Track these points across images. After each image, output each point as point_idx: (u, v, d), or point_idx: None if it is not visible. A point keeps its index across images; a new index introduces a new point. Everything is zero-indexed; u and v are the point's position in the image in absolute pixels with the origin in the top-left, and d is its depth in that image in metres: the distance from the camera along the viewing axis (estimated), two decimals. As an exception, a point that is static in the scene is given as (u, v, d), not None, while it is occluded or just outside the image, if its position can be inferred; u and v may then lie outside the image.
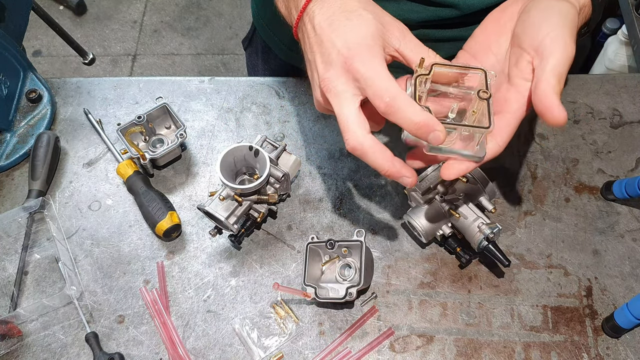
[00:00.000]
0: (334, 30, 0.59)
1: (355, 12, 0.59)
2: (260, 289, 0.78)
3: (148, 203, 0.81)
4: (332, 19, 0.59)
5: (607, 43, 1.65)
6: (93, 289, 0.79)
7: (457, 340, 0.74)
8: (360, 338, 0.74)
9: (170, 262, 0.80)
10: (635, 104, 0.91)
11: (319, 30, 0.60)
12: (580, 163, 0.86)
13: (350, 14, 0.59)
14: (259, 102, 0.94)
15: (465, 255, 0.76)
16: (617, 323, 0.71)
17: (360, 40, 0.57)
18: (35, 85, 0.94)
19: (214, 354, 0.74)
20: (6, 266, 0.81)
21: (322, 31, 0.60)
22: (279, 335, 0.75)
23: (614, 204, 0.82)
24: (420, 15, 0.81)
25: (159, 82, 0.97)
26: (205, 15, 2.71)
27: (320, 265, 0.77)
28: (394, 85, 0.56)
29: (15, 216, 0.81)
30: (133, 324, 0.76)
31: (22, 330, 0.76)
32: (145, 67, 2.59)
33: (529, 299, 0.76)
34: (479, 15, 0.81)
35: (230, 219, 0.76)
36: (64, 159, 0.90)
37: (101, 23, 2.71)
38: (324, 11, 0.60)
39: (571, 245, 0.80)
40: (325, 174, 0.87)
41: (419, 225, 0.74)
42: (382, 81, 0.56)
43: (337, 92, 0.58)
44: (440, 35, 0.84)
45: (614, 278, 0.77)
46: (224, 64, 2.59)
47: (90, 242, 0.82)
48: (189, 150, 0.90)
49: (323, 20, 0.60)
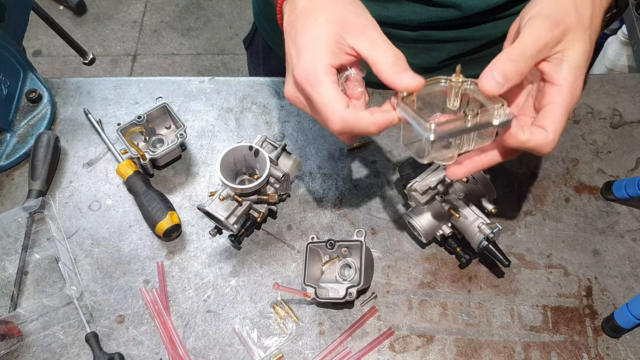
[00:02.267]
0: (291, 38, 0.60)
1: (312, 16, 0.60)
2: (260, 289, 0.78)
3: (148, 203, 0.81)
4: (293, 23, 0.61)
5: (607, 43, 1.65)
6: (93, 289, 0.79)
7: (457, 340, 0.74)
8: (360, 338, 0.74)
9: (170, 262, 0.80)
10: (635, 104, 0.91)
11: (285, 31, 0.62)
12: (580, 163, 0.86)
13: (307, 18, 0.60)
14: (259, 102, 0.94)
15: (465, 255, 0.76)
16: (617, 323, 0.71)
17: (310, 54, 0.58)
18: (35, 85, 0.94)
19: (214, 354, 0.74)
20: (6, 266, 0.81)
21: (286, 34, 0.61)
22: (279, 335, 0.75)
23: (614, 204, 0.82)
24: (422, 17, 0.81)
25: (159, 82, 0.97)
26: (205, 15, 2.71)
27: (320, 265, 0.77)
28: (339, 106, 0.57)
29: (15, 216, 0.81)
30: (133, 324, 0.76)
31: (22, 330, 0.76)
32: (145, 67, 2.59)
33: (529, 299, 0.76)
34: (481, 17, 0.81)
35: (230, 219, 0.76)
36: (64, 159, 0.90)
37: (101, 23, 2.71)
38: (289, 12, 0.62)
39: (571, 245, 0.80)
40: (325, 174, 0.87)
41: (419, 225, 0.74)
42: (327, 106, 0.57)
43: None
44: (441, 36, 0.84)
45: (614, 278, 0.77)
46: (224, 64, 2.59)
47: (90, 242, 0.82)
48: (189, 150, 0.90)
49: (287, 23, 0.62)
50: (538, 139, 0.57)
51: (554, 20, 0.56)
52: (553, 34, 0.56)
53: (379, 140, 0.89)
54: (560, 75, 0.57)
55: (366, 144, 0.88)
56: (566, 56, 0.57)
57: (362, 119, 0.58)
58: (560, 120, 0.57)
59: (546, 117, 0.57)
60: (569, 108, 0.57)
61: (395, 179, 0.85)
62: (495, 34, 0.85)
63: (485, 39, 0.86)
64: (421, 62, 0.89)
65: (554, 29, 0.56)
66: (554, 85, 0.57)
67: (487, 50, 0.89)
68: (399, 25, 0.83)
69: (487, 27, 0.84)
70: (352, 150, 0.88)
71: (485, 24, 0.83)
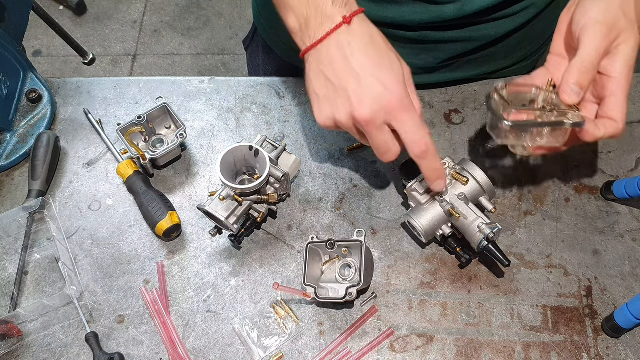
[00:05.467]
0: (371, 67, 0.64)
1: (384, 50, 0.65)
2: (260, 289, 0.78)
3: (148, 203, 0.81)
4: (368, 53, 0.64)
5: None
6: (93, 289, 0.79)
7: (457, 340, 0.74)
8: (360, 338, 0.74)
9: (170, 262, 0.80)
10: (635, 104, 0.91)
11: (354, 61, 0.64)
12: (580, 163, 0.86)
13: (381, 51, 0.65)
14: (259, 102, 0.94)
15: (465, 255, 0.76)
16: (617, 323, 0.71)
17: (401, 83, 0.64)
18: (35, 85, 0.94)
19: (214, 354, 0.74)
20: (6, 266, 0.81)
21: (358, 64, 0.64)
22: (279, 335, 0.75)
23: (614, 204, 0.82)
24: (422, 17, 0.81)
25: (159, 82, 0.97)
26: (205, 15, 2.71)
27: (320, 265, 0.77)
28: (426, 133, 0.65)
29: (15, 216, 0.81)
30: (133, 324, 0.76)
31: (22, 330, 0.76)
32: (145, 67, 2.59)
33: (529, 299, 0.76)
34: (481, 16, 0.81)
35: (230, 219, 0.76)
36: (64, 159, 0.90)
37: (101, 23, 2.71)
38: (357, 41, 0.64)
39: (571, 245, 0.80)
40: (325, 174, 0.87)
41: (419, 225, 0.74)
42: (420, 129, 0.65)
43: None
44: (441, 37, 0.84)
45: (614, 278, 0.77)
46: (224, 64, 2.59)
47: (90, 242, 0.82)
48: (189, 150, 0.90)
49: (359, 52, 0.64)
50: (612, 131, 0.66)
51: (608, 27, 0.64)
52: (610, 39, 0.64)
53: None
54: (616, 69, 0.65)
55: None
56: (619, 51, 0.65)
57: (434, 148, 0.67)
58: (624, 108, 0.66)
59: (611, 108, 0.66)
60: (627, 94, 0.66)
61: (395, 179, 0.85)
62: (495, 34, 0.85)
63: (485, 40, 0.86)
64: (421, 62, 0.89)
65: (609, 34, 0.64)
66: (611, 77, 0.66)
67: (486, 50, 0.89)
68: (399, 26, 0.83)
69: (486, 27, 0.84)
70: (352, 150, 0.88)
71: (484, 24, 0.83)
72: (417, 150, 0.66)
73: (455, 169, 0.75)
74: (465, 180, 0.74)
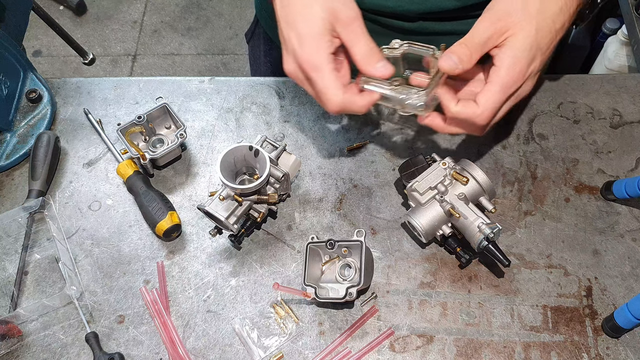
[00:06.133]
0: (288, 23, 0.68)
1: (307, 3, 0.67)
2: (260, 289, 0.78)
3: (148, 203, 0.81)
4: (288, 7, 0.68)
5: (607, 43, 1.65)
6: (93, 289, 0.79)
7: (457, 340, 0.74)
8: (360, 338, 0.74)
9: (170, 262, 0.80)
10: (635, 104, 0.91)
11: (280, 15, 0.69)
12: (580, 163, 0.86)
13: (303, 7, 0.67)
14: (259, 102, 0.94)
15: (465, 255, 0.76)
16: (617, 323, 0.71)
17: (314, 42, 0.66)
18: (35, 85, 0.94)
19: (214, 354, 0.74)
20: (6, 266, 0.81)
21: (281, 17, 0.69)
22: (279, 335, 0.75)
23: (614, 204, 0.82)
24: (420, 7, 0.81)
25: (159, 82, 0.97)
26: (205, 15, 2.71)
27: (320, 265, 0.77)
28: (338, 92, 0.67)
29: (15, 216, 0.81)
30: (133, 324, 0.76)
31: (22, 330, 0.76)
32: (145, 67, 2.59)
33: (529, 299, 0.76)
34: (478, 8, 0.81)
35: (230, 219, 0.76)
36: (64, 159, 0.90)
37: (101, 23, 2.71)
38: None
39: (571, 245, 0.80)
40: (325, 174, 0.87)
41: (419, 225, 0.74)
42: (329, 90, 0.67)
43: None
44: (439, 28, 0.84)
45: (614, 278, 0.77)
46: (224, 64, 2.59)
47: (90, 242, 0.82)
48: (189, 150, 0.90)
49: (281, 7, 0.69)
50: (468, 112, 0.67)
51: (497, 16, 0.66)
52: (495, 27, 0.66)
53: (379, 140, 0.89)
54: (499, 58, 0.66)
55: (366, 143, 0.88)
56: (508, 42, 0.66)
57: (355, 102, 0.68)
58: (494, 97, 0.66)
59: (481, 94, 0.67)
60: (506, 86, 0.66)
61: (395, 179, 0.85)
62: None
63: None
64: None
65: (496, 22, 0.66)
66: (493, 66, 0.67)
67: None
68: (397, 15, 0.83)
69: None
70: (352, 150, 0.88)
71: None
72: (330, 111, 0.69)
73: (455, 169, 0.75)
74: (465, 180, 0.74)
